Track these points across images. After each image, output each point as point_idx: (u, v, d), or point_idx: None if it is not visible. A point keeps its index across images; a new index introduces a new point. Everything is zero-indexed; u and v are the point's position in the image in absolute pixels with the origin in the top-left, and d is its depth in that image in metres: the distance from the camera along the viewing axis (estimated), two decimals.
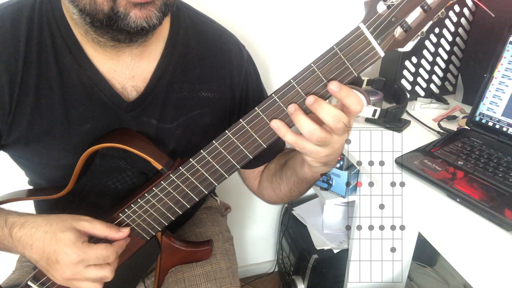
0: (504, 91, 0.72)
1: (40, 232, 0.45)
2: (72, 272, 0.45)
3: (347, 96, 0.38)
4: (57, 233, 0.44)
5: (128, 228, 0.50)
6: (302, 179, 0.52)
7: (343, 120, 0.38)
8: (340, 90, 0.38)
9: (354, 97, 0.38)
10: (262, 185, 0.63)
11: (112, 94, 0.50)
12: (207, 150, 0.45)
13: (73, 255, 0.44)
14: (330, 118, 0.38)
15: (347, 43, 0.37)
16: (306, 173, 0.50)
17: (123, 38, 0.45)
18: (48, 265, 0.45)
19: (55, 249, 0.44)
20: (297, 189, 0.56)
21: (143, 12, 0.41)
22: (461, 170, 0.62)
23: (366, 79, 0.93)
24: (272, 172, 0.60)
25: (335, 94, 0.38)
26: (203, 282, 0.63)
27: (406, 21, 0.36)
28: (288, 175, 0.55)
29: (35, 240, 0.45)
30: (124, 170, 0.55)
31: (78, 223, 0.46)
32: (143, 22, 0.42)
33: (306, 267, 1.03)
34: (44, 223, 0.45)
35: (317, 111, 0.38)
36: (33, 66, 0.47)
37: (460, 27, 0.91)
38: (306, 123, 0.39)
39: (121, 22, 0.41)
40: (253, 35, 0.91)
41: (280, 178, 0.58)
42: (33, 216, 0.47)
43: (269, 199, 0.63)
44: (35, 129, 0.49)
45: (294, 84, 0.39)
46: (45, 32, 0.47)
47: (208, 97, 0.55)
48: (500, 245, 0.50)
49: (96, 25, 0.43)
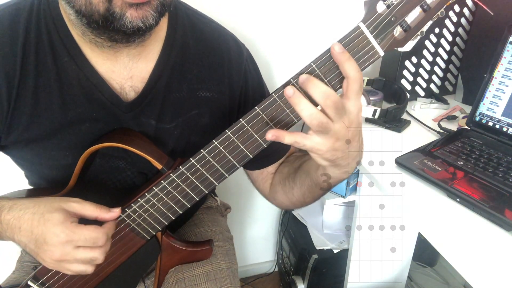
0: (504, 91, 0.72)
1: (28, 214, 0.44)
2: (61, 252, 0.43)
3: (348, 59, 0.37)
4: (45, 214, 0.43)
5: (119, 208, 0.49)
6: (317, 184, 0.51)
7: (332, 97, 0.37)
8: (343, 52, 0.37)
9: (354, 63, 0.37)
10: (274, 188, 0.62)
11: (111, 95, 0.50)
12: (207, 150, 0.45)
13: (61, 234, 0.43)
14: (319, 94, 0.37)
15: (347, 43, 0.37)
16: (321, 178, 0.49)
17: (120, 39, 0.45)
18: (36, 247, 0.44)
19: (43, 229, 0.43)
20: (310, 194, 0.55)
21: (139, 12, 0.41)
22: (461, 170, 0.62)
23: (366, 79, 0.94)
24: (285, 175, 0.59)
25: (338, 55, 0.37)
26: (203, 282, 0.63)
27: (406, 21, 0.36)
28: (303, 178, 0.54)
29: (23, 222, 0.44)
30: (124, 170, 0.55)
31: (66, 204, 0.45)
32: (139, 22, 0.41)
33: (306, 267, 1.03)
34: (32, 205, 0.45)
35: (308, 87, 0.38)
36: (31, 67, 0.47)
37: (460, 27, 0.91)
38: (306, 106, 0.38)
39: (117, 22, 0.41)
40: (253, 35, 0.92)
41: (293, 182, 0.56)
42: (22, 199, 0.47)
43: (281, 203, 0.62)
44: (34, 130, 0.49)
45: (294, 83, 0.39)
46: (43, 33, 0.47)
47: (206, 96, 0.55)
48: (500, 245, 0.50)
49: (93, 26, 0.43)
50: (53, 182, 0.56)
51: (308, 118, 0.38)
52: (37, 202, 0.45)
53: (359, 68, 0.37)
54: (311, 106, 0.38)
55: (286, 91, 0.38)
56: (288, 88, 0.38)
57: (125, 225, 0.51)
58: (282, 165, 0.62)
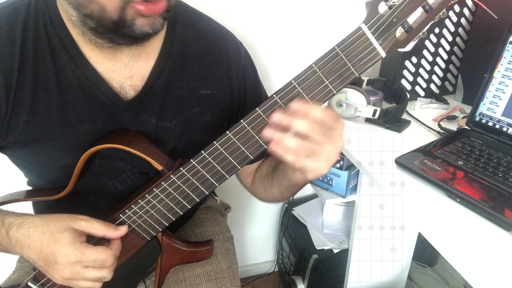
0: (504, 91, 0.72)
1: (38, 232, 0.45)
2: (70, 272, 0.45)
3: (307, 113, 0.38)
4: (55, 233, 0.44)
5: (126, 226, 0.50)
6: (294, 184, 0.53)
7: (314, 126, 0.38)
8: (299, 111, 0.38)
9: (315, 110, 0.38)
10: (254, 184, 0.64)
11: (110, 94, 0.50)
12: (208, 151, 0.45)
13: (70, 255, 0.44)
14: (300, 126, 0.39)
15: (349, 44, 0.37)
16: (298, 178, 0.50)
17: (123, 42, 0.45)
18: (46, 265, 0.45)
19: (52, 249, 0.44)
20: (289, 192, 0.57)
21: (148, 20, 0.42)
22: (461, 170, 0.63)
23: (366, 79, 0.94)
24: (264, 173, 0.61)
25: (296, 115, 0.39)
26: (204, 282, 0.63)
27: (407, 22, 0.36)
28: (280, 178, 0.55)
29: (32, 240, 0.45)
30: (124, 170, 0.55)
31: (75, 223, 0.46)
32: (149, 29, 0.43)
33: (306, 267, 1.03)
34: (41, 223, 0.45)
35: (288, 125, 0.39)
36: (29, 67, 0.47)
37: (460, 27, 0.91)
38: (290, 140, 0.39)
39: (127, 29, 0.42)
40: (253, 35, 0.91)
41: (271, 181, 0.58)
42: (30, 216, 0.47)
43: (261, 198, 0.64)
44: (33, 130, 0.49)
45: (295, 84, 0.39)
46: (41, 32, 0.47)
47: (207, 94, 0.55)
48: (500, 245, 0.50)
49: (99, 31, 0.43)
50: (53, 183, 0.55)
51: (296, 148, 0.39)
52: (46, 220, 0.46)
53: (320, 109, 0.38)
54: (292, 138, 0.39)
55: (266, 134, 0.40)
56: (267, 132, 0.40)
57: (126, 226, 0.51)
58: (262, 162, 0.64)
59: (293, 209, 1.15)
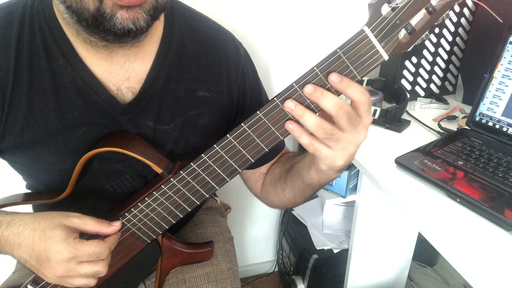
0: (504, 91, 0.72)
1: (28, 230, 0.43)
2: (64, 269, 0.43)
3: (348, 86, 0.37)
4: (46, 230, 0.43)
5: (120, 221, 0.49)
6: (308, 185, 0.51)
7: (344, 107, 0.37)
8: (342, 81, 0.37)
9: (356, 87, 0.37)
10: (265, 189, 0.62)
11: (107, 97, 0.49)
12: (208, 154, 0.44)
13: (64, 252, 0.43)
14: (331, 105, 0.37)
15: (351, 47, 0.36)
16: (313, 179, 0.49)
17: (112, 39, 0.44)
18: (38, 264, 0.44)
19: (45, 246, 0.43)
20: (302, 195, 0.55)
21: (130, 13, 0.40)
22: (461, 170, 0.63)
23: (366, 79, 0.93)
24: (277, 176, 0.59)
25: (336, 85, 0.37)
26: (204, 283, 0.63)
27: (411, 23, 0.36)
28: (294, 180, 0.54)
29: (23, 238, 0.43)
30: (122, 173, 0.55)
31: (67, 220, 0.45)
32: (130, 24, 0.40)
33: (306, 267, 1.04)
34: (32, 221, 0.44)
35: (318, 99, 0.37)
36: (25, 70, 0.46)
37: (460, 27, 0.91)
38: (310, 117, 0.38)
39: (107, 23, 0.40)
40: (254, 36, 0.91)
41: (284, 183, 0.56)
42: (20, 214, 0.46)
43: (272, 203, 0.62)
44: (29, 134, 0.48)
45: (297, 87, 0.39)
46: (37, 35, 0.46)
47: (205, 96, 0.55)
48: (500, 245, 0.50)
49: (83, 24, 0.41)
50: (51, 186, 0.55)
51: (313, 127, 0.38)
52: (37, 218, 0.44)
53: (363, 89, 0.37)
54: (314, 115, 0.38)
55: (288, 105, 0.39)
56: (290, 103, 0.38)
57: (125, 230, 0.51)
58: (273, 166, 0.62)
59: (293, 209, 1.15)
